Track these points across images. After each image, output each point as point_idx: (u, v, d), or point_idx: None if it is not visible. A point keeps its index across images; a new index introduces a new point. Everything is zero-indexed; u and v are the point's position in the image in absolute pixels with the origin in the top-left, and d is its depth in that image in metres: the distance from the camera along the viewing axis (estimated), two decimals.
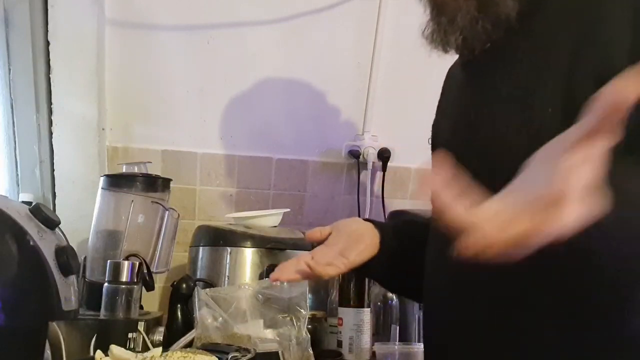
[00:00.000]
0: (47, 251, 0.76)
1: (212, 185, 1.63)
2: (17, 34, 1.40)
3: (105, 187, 1.26)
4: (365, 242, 0.89)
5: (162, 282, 1.51)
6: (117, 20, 1.55)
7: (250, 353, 0.79)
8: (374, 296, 1.32)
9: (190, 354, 0.74)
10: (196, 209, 1.61)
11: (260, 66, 1.64)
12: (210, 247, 1.37)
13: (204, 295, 1.05)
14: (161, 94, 1.60)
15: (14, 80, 1.41)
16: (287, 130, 1.66)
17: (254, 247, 1.33)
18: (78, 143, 1.47)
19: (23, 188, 1.44)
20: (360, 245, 0.88)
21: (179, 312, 1.25)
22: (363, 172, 1.67)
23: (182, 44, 1.60)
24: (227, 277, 1.32)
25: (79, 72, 1.46)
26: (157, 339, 1.08)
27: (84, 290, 1.19)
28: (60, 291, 0.76)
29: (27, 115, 1.43)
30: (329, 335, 1.26)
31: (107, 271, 1.06)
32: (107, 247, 1.23)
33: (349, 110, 1.68)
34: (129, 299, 1.04)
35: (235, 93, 1.63)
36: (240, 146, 1.64)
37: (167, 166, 1.59)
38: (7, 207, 0.75)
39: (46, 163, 1.45)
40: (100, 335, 0.97)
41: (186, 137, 1.61)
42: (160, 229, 1.24)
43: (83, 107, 1.46)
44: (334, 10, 1.60)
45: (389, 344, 1.25)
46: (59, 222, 0.82)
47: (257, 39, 1.62)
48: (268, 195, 1.65)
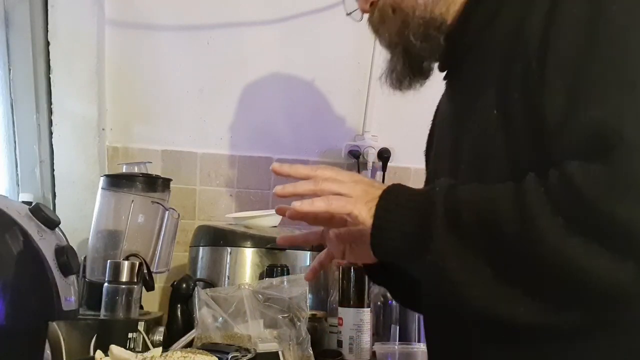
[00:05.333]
0: (47, 251, 0.76)
1: (212, 185, 1.63)
2: (17, 34, 1.40)
3: (105, 187, 1.26)
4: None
5: (162, 282, 1.51)
6: (117, 20, 1.55)
7: (250, 353, 0.80)
8: (374, 296, 1.32)
9: (191, 354, 0.74)
10: (196, 209, 1.61)
11: (260, 66, 1.64)
12: (210, 247, 1.37)
13: (204, 295, 1.05)
14: (161, 94, 1.60)
15: (14, 80, 1.41)
16: (287, 130, 1.66)
17: (254, 247, 1.33)
18: (78, 143, 1.47)
19: (23, 188, 1.44)
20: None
21: (179, 312, 1.25)
22: (363, 172, 1.67)
23: (182, 44, 1.60)
24: (227, 277, 1.32)
25: (79, 72, 1.46)
26: (157, 339, 1.08)
27: (84, 290, 1.18)
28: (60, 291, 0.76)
29: (27, 115, 1.43)
30: (329, 335, 1.26)
31: (107, 271, 1.06)
32: (107, 247, 1.23)
33: (349, 110, 1.68)
34: (129, 299, 1.04)
35: (235, 93, 1.63)
36: (240, 146, 1.64)
37: (167, 166, 1.59)
38: (7, 207, 0.75)
39: (46, 163, 1.45)
40: (100, 335, 0.97)
41: (186, 137, 1.61)
42: (160, 229, 1.24)
43: (83, 107, 1.46)
44: (334, 10, 1.60)
45: (389, 344, 1.25)
46: (59, 222, 0.82)
47: (257, 39, 1.62)
48: (268, 195, 1.65)
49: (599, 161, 0.58)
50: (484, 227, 0.63)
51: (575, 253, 0.57)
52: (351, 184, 0.73)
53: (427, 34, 0.84)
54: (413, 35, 0.84)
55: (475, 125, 0.77)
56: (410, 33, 0.84)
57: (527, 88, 0.68)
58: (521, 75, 0.70)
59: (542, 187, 0.61)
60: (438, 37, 0.84)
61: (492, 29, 0.79)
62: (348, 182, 0.73)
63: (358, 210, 0.70)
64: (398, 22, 0.86)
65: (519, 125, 0.69)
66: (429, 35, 0.84)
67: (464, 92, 0.84)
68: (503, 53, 0.74)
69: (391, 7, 0.86)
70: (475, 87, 0.80)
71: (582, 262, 0.57)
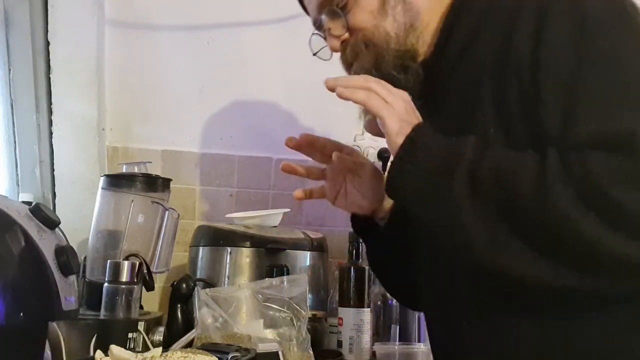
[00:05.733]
0: (47, 251, 0.76)
1: (212, 185, 1.63)
2: (17, 34, 1.40)
3: (105, 187, 1.26)
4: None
5: (162, 282, 1.51)
6: (117, 21, 1.55)
7: (250, 353, 0.79)
8: (374, 296, 1.32)
9: (190, 354, 0.74)
10: (196, 209, 1.61)
11: (260, 66, 1.63)
12: (210, 247, 1.37)
13: (204, 295, 1.05)
14: (161, 94, 1.60)
15: (14, 80, 1.41)
16: (286, 130, 1.66)
17: (254, 247, 1.33)
18: (78, 143, 1.46)
19: (23, 188, 1.44)
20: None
21: (179, 312, 1.25)
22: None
23: (182, 44, 1.60)
24: (227, 277, 1.32)
25: (78, 72, 1.46)
26: (157, 339, 1.08)
27: (84, 290, 1.18)
28: (60, 291, 0.76)
29: (27, 115, 1.43)
30: (329, 335, 1.26)
31: (107, 271, 1.06)
32: (107, 247, 1.22)
33: (349, 110, 1.68)
34: (129, 299, 1.04)
35: (235, 93, 1.63)
36: (240, 146, 1.64)
37: (167, 166, 1.59)
38: (7, 207, 0.75)
39: (46, 163, 1.45)
40: (100, 335, 0.97)
41: (186, 137, 1.61)
42: (160, 229, 1.24)
43: (83, 107, 1.46)
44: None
45: (389, 344, 1.25)
46: (58, 222, 0.82)
47: (257, 39, 1.62)
48: (268, 195, 1.65)
49: (612, 156, 0.61)
50: (504, 187, 0.65)
51: (588, 226, 0.60)
52: (398, 99, 0.75)
53: (405, 66, 0.85)
54: (393, 68, 0.85)
55: None
56: (389, 66, 0.85)
57: (524, 107, 0.71)
58: (517, 95, 0.71)
59: (563, 166, 0.63)
60: (417, 67, 0.85)
61: (474, 47, 0.79)
62: (396, 95, 0.75)
63: (391, 120, 0.73)
64: (372, 57, 0.86)
65: (520, 142, 0.70)
66: (407, 67, 0.85)
67: (445, 114, 0.83)
68: (492, 72, 0.75)
69: (364, 42, 0.86)
70: (462, 107, 0.80)
71: (592, 236, 0.60)
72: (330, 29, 0.91)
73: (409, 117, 0.74)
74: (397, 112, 0.74)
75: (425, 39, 0.85)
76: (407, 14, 0.85)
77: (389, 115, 0.73)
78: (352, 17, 0.87)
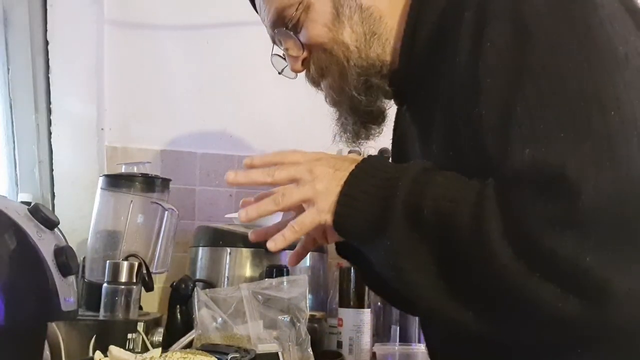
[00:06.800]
0: (46, 251, 0.76)
1: (211, 185, 1.62)
2: (16, 34, 1.40)
3: (104, 187, 1.26)
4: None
5: (161, 282, 1.51)
6: (117, 20, 1.55)
7: (250, 354, 0.79)
8: (374, 296, 1.31)
9: (190, 355, 0.74)
10: (196, 209, 1.61)
11: (260, 66, 1.63)
12: (210, 248, 1.37)
13: (204, 295, 1.05)
14: (161, 94, 1.59)
15: (12, 80, 1.41)
16: (286, 130, 1.66)
17: (253, 248, 1.32)
18: (77, 143, 1.46)
19: (22, 188, 1.43)
20: None
21: (179, 313, 1.24)
22: None
23: (182, 44, 1.59)
24: (226, 277, 1.32)
25: (78, 71, 1.46)
26: (157, 339, 1.08)
27: (83, 291, 1.18)
28: (60, 291, 0.76)
29: (26, 115, 1.42)
30: (329, 335, 1.26)
31: (107, 271, 1.05)
32: (106, 248, 1.22)
33: None
34: (128, 300, 1.04)
35: (235, 93, 1.63)
36: (240, 146, 1.64)
37: (167, 166, 1.58)
38: (6, 207, 0.75)
39: (45, 163, 1.45)
40: (99, 335, 0.97)
41: (186, 137, 1.61)
42: (160, 229, 1.24)
43: (82, 107, 1.46)
44: None
45: (389, 345, 1.24)
46: (58, 222, 0.82)
47: (257, 39, 1.62)
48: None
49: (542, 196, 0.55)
50: (441, 230, 0.59)
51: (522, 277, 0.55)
52: (307, 166, 0.69)
53: (369, 85, 0.79)
54: (355, 89, 0.79)
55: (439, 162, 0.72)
56: (352, 88, 0.79)
57: (470, 129, 0.64)
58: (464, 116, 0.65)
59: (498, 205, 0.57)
60: (382, 84, 0.79)
61: (438, 49, 0.72)
62: (304, 162, 0.69)
63: (314, 197, 0.67)
64: (336, 76, 0.80)
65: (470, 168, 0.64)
66: (372, 86, 0.79)
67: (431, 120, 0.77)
68: (445, 87, 0.70)
69: (326, 56, 0.81)
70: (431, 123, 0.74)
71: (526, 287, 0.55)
72: (288, 49, 0.85)
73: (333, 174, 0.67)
74: (318, 179, 0.67)
75: (392, 46, 0.78)
76: (366, 22, 0.78)
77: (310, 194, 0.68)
78: (307, 34, 0.81)
